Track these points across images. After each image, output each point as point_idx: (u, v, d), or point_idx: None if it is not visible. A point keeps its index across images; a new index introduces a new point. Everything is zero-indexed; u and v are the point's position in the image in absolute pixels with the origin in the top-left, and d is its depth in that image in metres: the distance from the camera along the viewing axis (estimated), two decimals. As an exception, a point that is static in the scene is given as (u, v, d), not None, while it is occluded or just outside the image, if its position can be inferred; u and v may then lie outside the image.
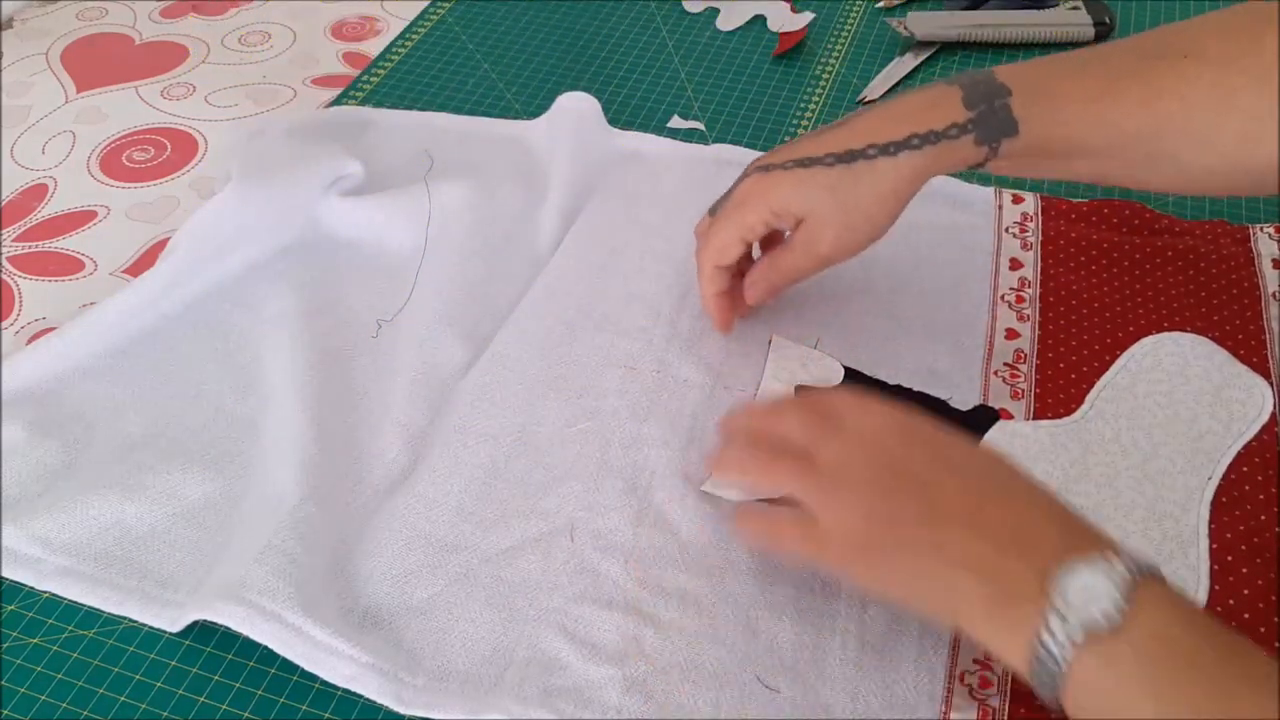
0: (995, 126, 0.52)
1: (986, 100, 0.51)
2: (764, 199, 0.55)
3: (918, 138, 0.52)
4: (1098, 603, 0.37)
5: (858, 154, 0.52)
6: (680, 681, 0.46)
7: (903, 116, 0.52)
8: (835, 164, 0.52)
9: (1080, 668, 0.37)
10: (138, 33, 0.90)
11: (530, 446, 0.56)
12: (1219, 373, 0.57)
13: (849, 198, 0.53)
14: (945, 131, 0.51)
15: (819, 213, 0.53)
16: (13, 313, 0.65)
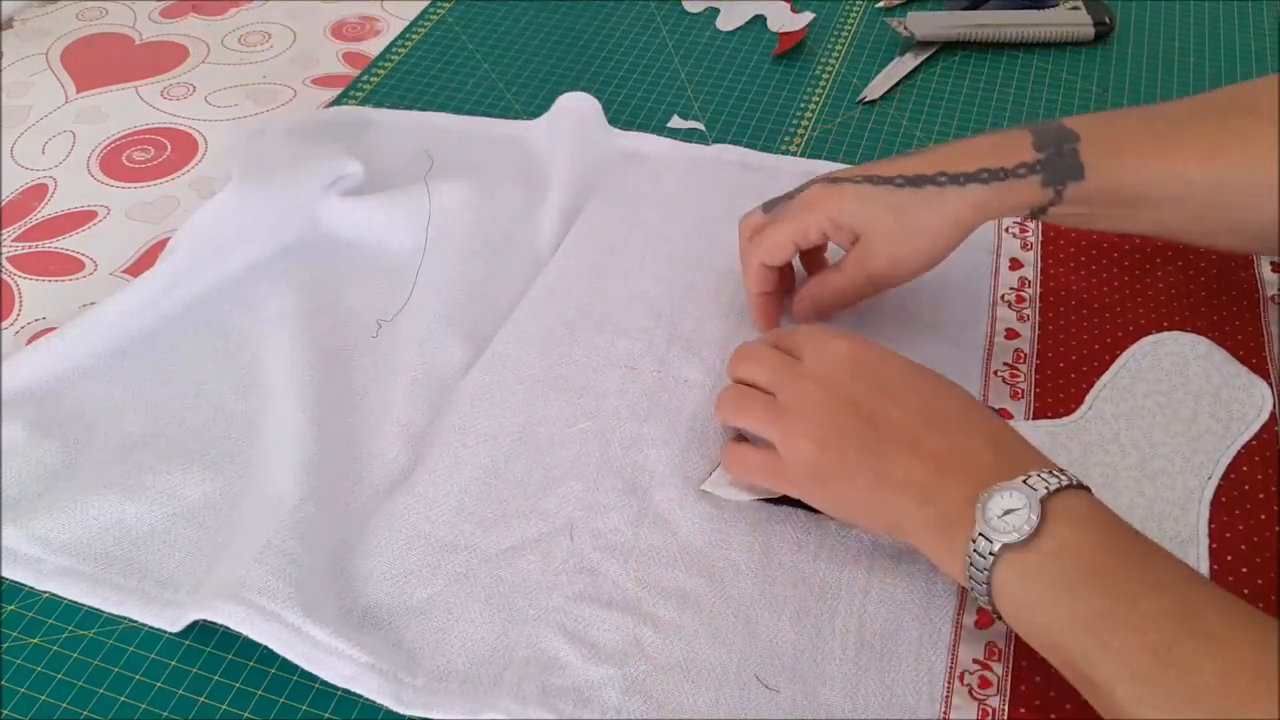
0: (1062, 169, 0.53)
1: (1055, 144, 0.53)
2: (827, 207, 0.55)
3: (987, 173, 0.53)
4: (1014, 518, 0.41)
5: (927, 179, 0.54)
6: (680, 681, 0.46)
7: (975, 152, 0.54)
8: (904, 185, 0.54)
9: (1000, 578, 0.42)
10: (138, 33, 0.90)
11: (530, 446, 0.56)
12: (1218, 373, 0.57)
13: (911, 220, 0.54)
14: (1014, 170, 0.53)
15: (878, 230, 0.54)
16: (13, 313, 0.65)
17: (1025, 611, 0.41)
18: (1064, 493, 0.42)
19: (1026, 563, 0.41)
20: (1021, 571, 0.41)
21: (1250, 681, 0.36)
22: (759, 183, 0.71)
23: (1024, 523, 0.41)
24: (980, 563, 0.42)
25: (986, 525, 0.42)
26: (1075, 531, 0.41)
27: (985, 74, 0.81)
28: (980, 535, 0.42)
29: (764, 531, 0.51)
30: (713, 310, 0.62)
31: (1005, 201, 0.54)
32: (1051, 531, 0.41)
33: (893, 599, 0.49)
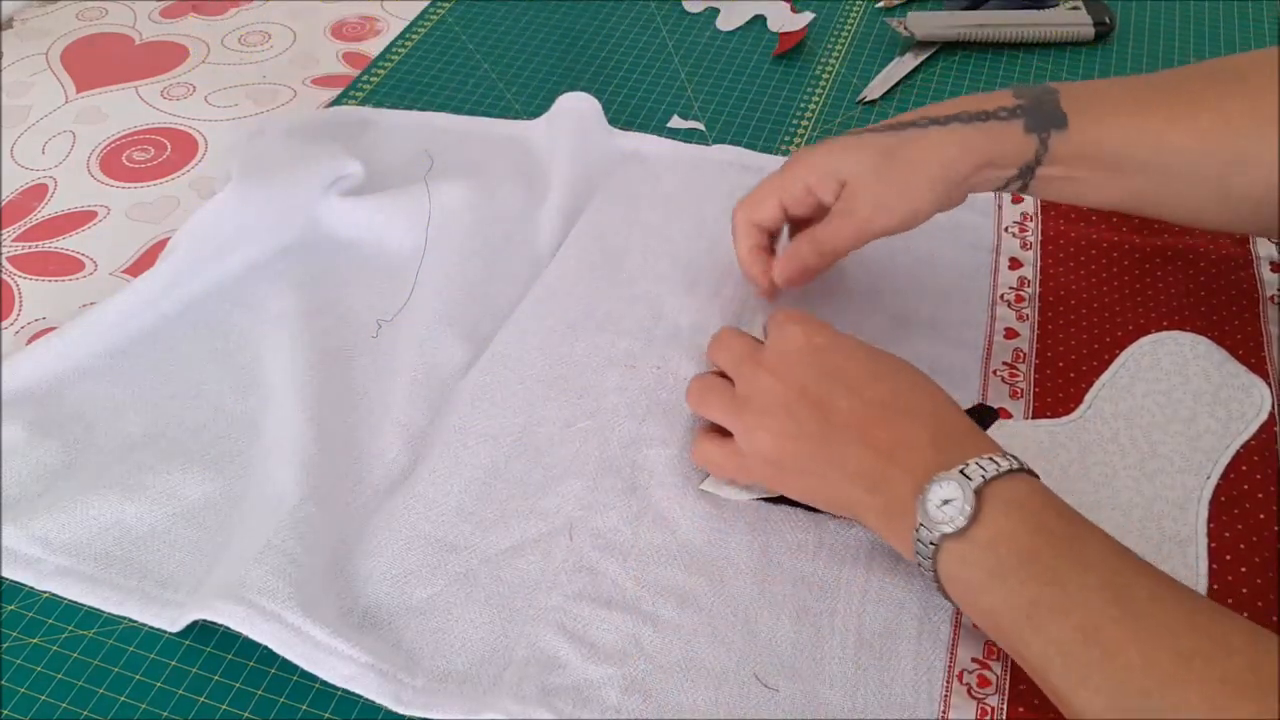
0: (1044, 116, 0.53)
1: (1036, 95, 0.54)
2: (811, 158, 0.56)
3: (967, 114, 0.54)
4: (950, 508, 0.42)
5: (909, 123, 0.54)
6: (680, 680, 0.46)
7: (956, 102, 0.55)
8: (885, 130, 0.54)
9: (943, 567, 0.43)
10: (138, 33, 0.90)
11: (530, 446, 0.56)
12: (1217, 372, 0.57)
13: (896, 160, 0.54)
14: (995, 112, 0.53)
15: (861, 174, 0.54)
16: (13, 313, 0.65)
17: (969, 597, 0.43)
18: (1002, 479, 0.43)
19: (964, 551, 0.42)
20: (961, 560, 0.42)
21: (1173, 662, 0.37)
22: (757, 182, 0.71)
23: (958, 513, 0.42)
24: (925, 551, 0.43)
25: (926, 516, 0.43)
26: (1009, 518, 0.42)
27: (985, 74, 0.81)
28: (921, 526, 0.43)
29: (763, 531, 0.51)
30: (713, 309, 0.62)
31: (991, 144, 0.53)
32: (987, 519, 0.42)
33: (891, 598, 0.49)
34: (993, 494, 0.43)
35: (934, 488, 0.43)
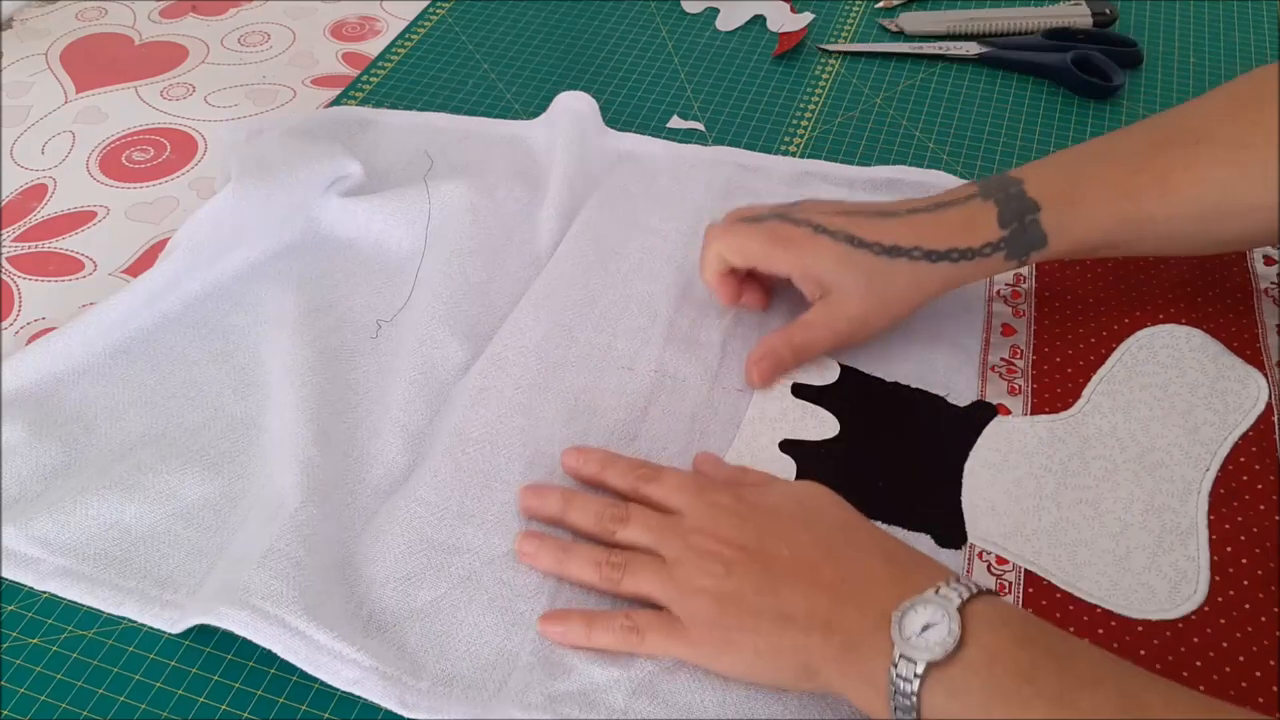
0: (1025, 243, 0.55)
1: (1019, 218, 0.55)
2: (805, 255, 0.56)
3: (957, 252, 0.55)
4: (934, 634, 0.39)
5: (903, 252, 0.55)
6: (687, 680, 0.46)
7: (947, 230, 0.55)
8: (881, 254, 0.55)
9: (929, 701, 0.39)
10: (137, 33, 0.90)
11: (530, 448, 0.55)
12: (1214, 365, 0.57)
13: (884, 287, 0.55)
14: (980, 250, 0.55)
15: (849, 291, 0.56)
16: (13, 313, 0.65)
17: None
18: (976, 599, 0.41)
19: (955, 678, 0.39)
20: (951, 689, 0.39)
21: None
22: (755, 182, 0.71)
23: (946, 635, 0.39)
24: (906, 687, 0.39)
25: (906, 645, 0.39)
26: (999, 637, 0.39)
27: (985, 73, 0.81)
28: (902, 657, 0.39)
29: (764, 530, 0.51)
30: (710, 310, 0.62)
31: (971, 274, 0.56)
32: (975, 641, 0.39)
33: (894, 596, 0.49)
34: (974, 614, 0.40)
35: (909, 615, 0.40)
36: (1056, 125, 0.76)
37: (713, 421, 0.57)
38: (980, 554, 0.50)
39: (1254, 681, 0.45)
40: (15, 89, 0.84)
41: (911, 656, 0.39)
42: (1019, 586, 0.49)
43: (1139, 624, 0.47)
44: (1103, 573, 0.49)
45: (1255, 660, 0.46)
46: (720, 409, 0.57)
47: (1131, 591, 0.48)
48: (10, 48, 0.88)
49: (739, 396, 0.58)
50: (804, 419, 0.56)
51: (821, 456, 0.55)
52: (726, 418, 0.57)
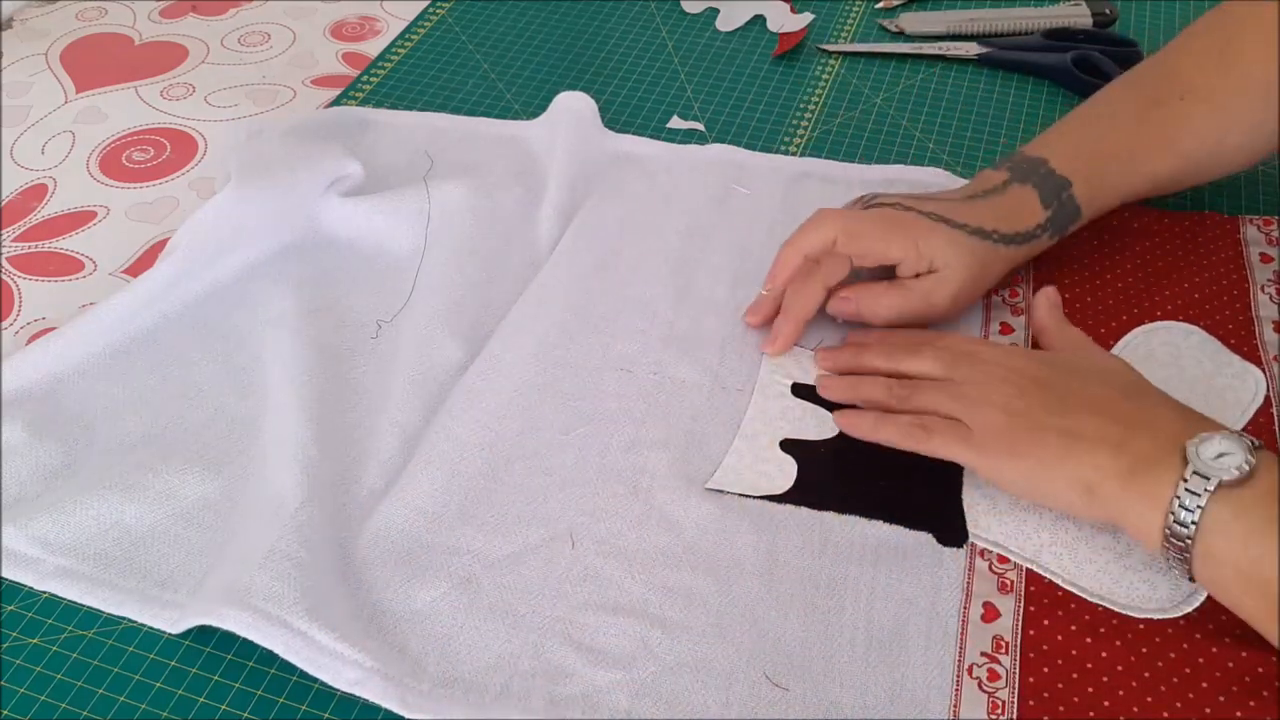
0: (1064, 219, 0.59)
1: (1056, 196, 0.59)
2: (917, 236, 0.57)
3: (1019, 236, 0.58)
4: (1230, 459, 0.43)
5: (987, 234, 0.58)
6: (690, 681, 0.46)
7: (1006, 215, 0.59)
8: (973, 235, 0.57)
9: (1213, 517, 0.43)
10: (137, 33, 0.90)
11: (529, 451, 0.55)
12: (1211, 361, 0.57)
13: (979, 267, 0.58)
14: (1033, 232, 0.59)
15: (956, 268, 0.57)
16: (13, 313, 0.65)
17: (1236, 546, 0.43)
18: (1264, 450, 0.44)
19: (1243, 499, 0.43)
20: (1239, 507, 0.43)
21: None
22: (754, 182, 0.71)
23: (1241, 463, 0.43)
24: (1192, 501, 0.43)
25: (1202, 464, 0.43)
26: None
27: (985, 73, 0.81)
28: (1195, 474, 0.43)
29: (768, 530, 0.51)
30: (708, 310, 0.62)
31: (1024, 257, 0.60)
32: (1265, 474, 0.43)
33: (899, 595, 0.49)
34: (1265, 456, 0.44)
35: (1207, 443, 0.44)
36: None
37: (712, 422, 0.57)
38: (981, 553, 0.50)
39: (1256, 678, 0.45)
40: (15, 89, 0.84)
41: (1205, 473, 0.43)
42: (1020, 585, 0.49)
43: (1140, 622, 0.47)
44: (1104, 570, 0.49)
45: (1255, 658, 0.46)
46: (720, 409, 0.57)
47: (1133, 589, 0.48)
48: (10, 48, 0.88)
49: (739, 396, 0.58)
50: (804, 419, 0.56)
51: (822, 456, 0.55)
52: (726, 418, 0.57)
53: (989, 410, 0.49)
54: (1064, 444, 0.47)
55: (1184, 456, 0.44)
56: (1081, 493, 0.47)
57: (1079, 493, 0.47)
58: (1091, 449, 0.46)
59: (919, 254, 0.57)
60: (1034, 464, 0.48)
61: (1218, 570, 0.44)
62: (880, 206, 0.59)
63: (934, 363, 0.53)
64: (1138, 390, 0.49)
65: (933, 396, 0.51)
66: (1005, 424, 0.48)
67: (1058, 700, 0.45)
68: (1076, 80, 0.77)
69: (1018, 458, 0.48)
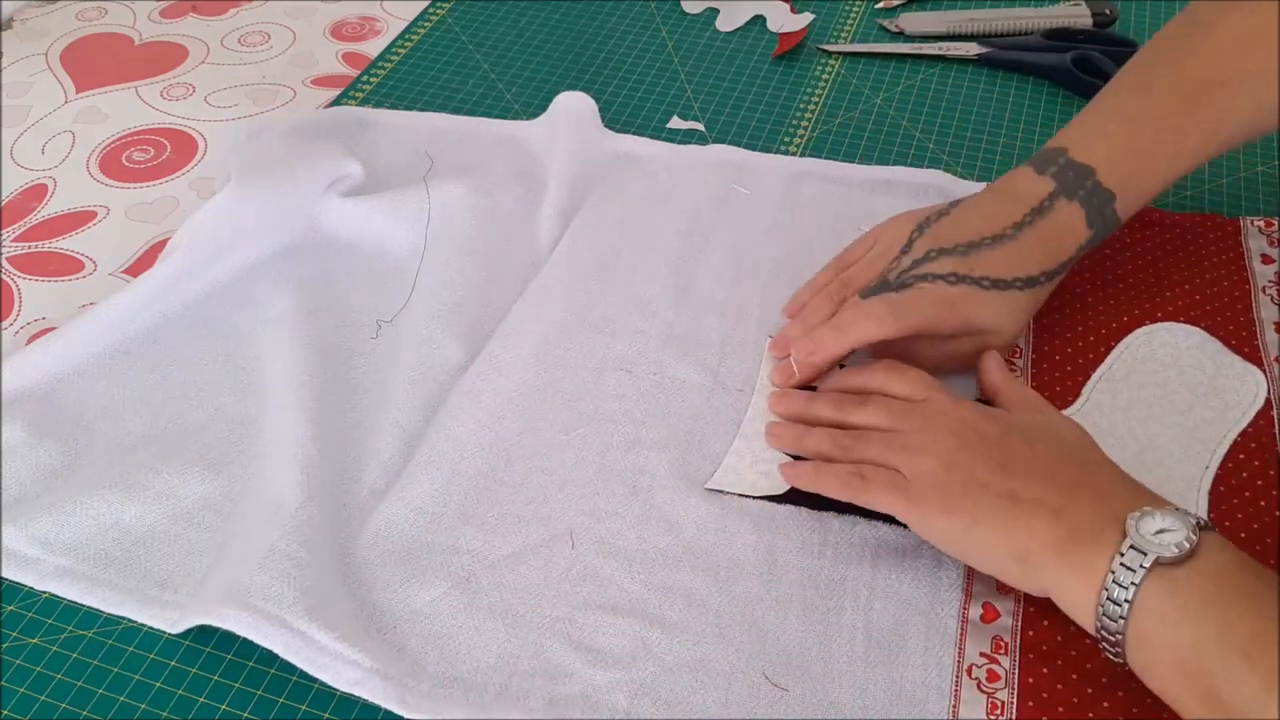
0: (1103, 232, 0.58)
1: (1100, 213, 0.57)
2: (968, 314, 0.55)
3: (1063, 265, 0.57)
4: (1171, 536, 0.41)
5: (1036, 280, 0.57)
6: (690, 681, 0.46)
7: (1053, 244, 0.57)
8: (1024, 288, 0.56)
9: (1148, 595, 0.41)
10: (137, 33, 0.90)
11: (528, 451, 0.55)
12: (1212, 362, 0.57)
13: (1025, 313, 0.57)
14: (1073, 258, 0.58)
15: (1007, 328, 0.57)
16: (13, 313, 0.65)
17: (1168, 630, 0.40)
18: (1208, 529, 0.42)
19: (1179, 579, 0.41)
20: (1173, 587, 0.40)
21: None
22: (754, 182, 0.71)
23: (1183, 540, 0.41)
24: (1126, 577, 0.41)
25: (1141, 539, 0.41)
26: (1228, 557, 0.41)
27: (985, 73, 0.81)
28: (1132, 548, 0.41)
29: (768, 530, 0.51)
30: (708, 310, 0.62)
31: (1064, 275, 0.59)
32: (1205, 554, 0.41)
33: (898, 595, 0.49)
34: (1207, 536, 0.42)
35: (1147, 518, 0.42)
36: (1056, 125, 0.76)
37: (713, 422, 0.57)
38: (981, 554, 0.50)
39: (1255, 681, 0.45)
40: (15, 89, 0.84)
41: (1142, 549, 0.41)
42: (1019, 586, 0.49)
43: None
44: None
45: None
46: (720, 409, 0.57)
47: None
48: (10, 48, 0.88)
49: (739, 396, 0.58)
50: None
51: (822, 456, 0.55)
52: (726, 418, 0.57)
53: (927, 461, 0.47)
54: (1001, 506, 0.45)
55: (1124, 530, 0.42)
56: (1015, 559, 0.44)
57: (1013, 559, 0.44)
58: (1029, 514, 0.44)
59: (968, 328, 0.56)
60: (968, 522, 0.45)
61: (1150, 654, 0.41)
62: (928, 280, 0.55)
63: (880, 414, 0.51)
64: (1085, 457, 0.47)
65: (874, 447, 0.50)
66: (942, 477, 0.47)
67: (1057, 701, 0.45)
68: (1076, 80, 0.77)
69: (951, 513, 0.46)
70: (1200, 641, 0.39)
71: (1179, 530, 0.41)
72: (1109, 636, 0.42)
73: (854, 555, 0.50)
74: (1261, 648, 0.38)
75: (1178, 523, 0.41)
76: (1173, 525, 0.41)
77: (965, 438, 0.48)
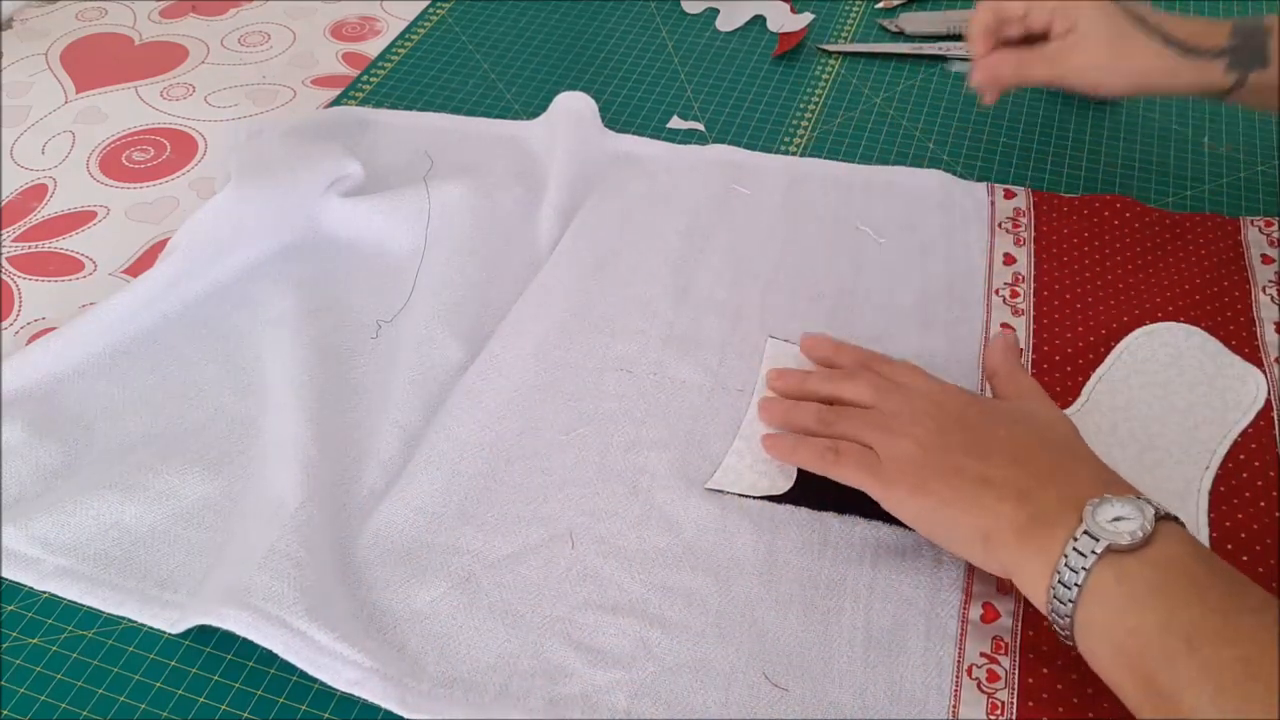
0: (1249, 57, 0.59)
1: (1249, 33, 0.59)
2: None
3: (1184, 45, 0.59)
4: (1125, 524, 0.41)
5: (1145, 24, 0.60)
6: (690, 681, 0.46)
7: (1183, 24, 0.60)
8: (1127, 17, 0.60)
9: (1097, 580, 0.41)
10: (137, 33, 0.90)
11: (528, 451, 0.55)
12: (1212, 363, 0.57)
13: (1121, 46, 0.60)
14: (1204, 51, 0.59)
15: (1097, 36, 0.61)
16: (13, 313, 0.65)
17: (1113, 615, 0.41)
18: (1169, 520, 0.43)
19: (1128, 566, 0.41)
20: (1121, 574, 0.41)
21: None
22: (754, 182, 0.71)
23: (1137, 528, 0.41)
24: (1078, 561, 0.41)
25: (1094, 525, 0.42)
26: (1179, 548, 0.41)
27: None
28: (1085, 533, 0.42)
29: (768, 530, 0.51)
30: (708, 310, 0.62)
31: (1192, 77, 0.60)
32: (1158, 545, 0.41)
33: (898, 595, 0.49)
34: (1165, 527, 0.42)
35: (1105, 506, 0.42)
36: (1056, 125, 0.76)
37: (713, 422, 0.57)
38: (981, 554, 0.50)
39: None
40: (15, 89, 0.84)
41: (1096, 535, 0.41)
42: (1019, 586, 0.49)
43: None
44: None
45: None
46: (720, 409, 0.57)
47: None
48: (10, 48, 0.88)
49: (739, 397, 0.58)
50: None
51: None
52: (726, 418, 0.57)
53: (903, 442, 0.48)
54: (971, 489, 0.45)
55: (1081, 516, 0.42)
56: (979, 539, 0.45)
57: (977, 539, 0.45)
58: (997, 497, 0.45)
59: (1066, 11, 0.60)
60: (936, 503, 0.46)
61: (1094, 639, 0.41)
62: None
63: (866, 389, 0.52)
64: (1063, 445, 0.48)
65: (853, 424, 0.51)
66: (917, 457, 0.47)
67: (1057, 701, 0.45)
68: (1076, 80, 0.77)
69: (921, 494, 0.47)
70: (1143, 629, 0.40)
71: (1135, 519, 0.42)
72: (1059, 620, 0.42)
73: (854, 555, 0.50)
74: (1202, 635, 0.39)
75: (1135, 511, 0.42)
76: (1129, 513, 0.42)
77: (942, 421, 0.49)
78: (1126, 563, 0.41)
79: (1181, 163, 0.72)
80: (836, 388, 0.54)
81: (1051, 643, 0.47)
